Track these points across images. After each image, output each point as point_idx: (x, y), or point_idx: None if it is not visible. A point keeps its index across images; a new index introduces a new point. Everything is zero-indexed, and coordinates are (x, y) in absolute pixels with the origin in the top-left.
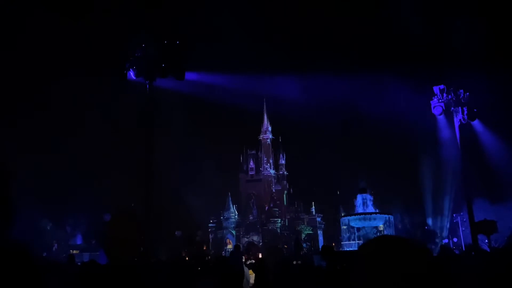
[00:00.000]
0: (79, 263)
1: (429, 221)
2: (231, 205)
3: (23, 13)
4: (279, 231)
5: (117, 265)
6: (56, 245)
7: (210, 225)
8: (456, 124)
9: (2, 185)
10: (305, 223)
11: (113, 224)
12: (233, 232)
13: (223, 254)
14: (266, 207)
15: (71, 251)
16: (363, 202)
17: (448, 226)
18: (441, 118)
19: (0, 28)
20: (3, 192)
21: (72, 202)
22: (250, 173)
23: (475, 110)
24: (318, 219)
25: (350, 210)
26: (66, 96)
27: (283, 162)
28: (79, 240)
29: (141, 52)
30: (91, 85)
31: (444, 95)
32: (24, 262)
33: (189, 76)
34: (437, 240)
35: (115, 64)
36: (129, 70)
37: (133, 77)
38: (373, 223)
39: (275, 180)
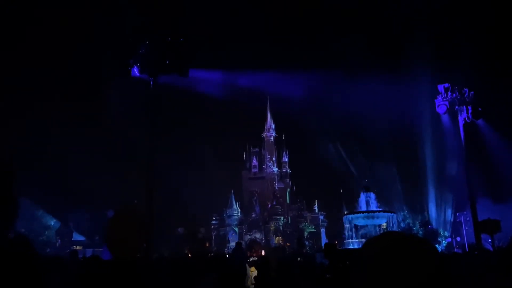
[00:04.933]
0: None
1: (432, 220)
2: (234, 203)
3: (27, 12)
4: (281, 228)
5: (120, 261)
6: (59, 241)
7: (212, 222)
8: (461, 123)
9: (5, 185)
10: (308, 221)
11: (116, 220)
12: (236, 229)
13: (225, 251)
14: (269, 205)
15: (74, 247)
16: (366, 200)
17: (451, 225)
18: (445, 117)
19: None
20: (6, 192)
21: (75, 199)
22: (253, 170)
23: (479, 109)
24: (321, 217)
25: (353, 208)
26: (69, 93)
27: (286, 160)
28: (82, 236)
29: (145, 49)
30: (95, 81)
31: (449, 93)
32: (25, 261)
33: (193, 73)
34: (439, 239)
35: (119, 60)
36: (133, 66)
37: (137, 74)
38: (376, 222)
39: (278, 178)
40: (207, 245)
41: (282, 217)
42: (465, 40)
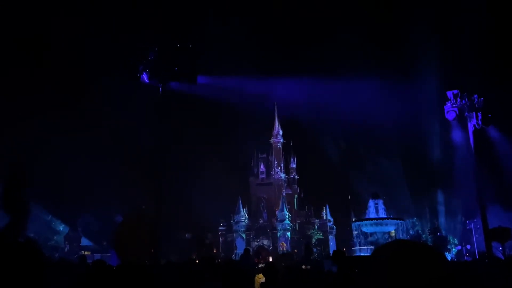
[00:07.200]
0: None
1: (442, 227)
2: (242, 209)
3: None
4: (289, 235)
5: (127, 266)
6: (68, 246)
7: (220, 228)
8: (470, 130)
9: (17, 188)
10: (316, 228)
11: (125, 225)
12: (243, 235)
13: (233, 258)
14: (277, 211)
15: (82, 252)
16: (375, 207)
17: (461, 232)
18: (455, 124)
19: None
20: (18, 195)
21: (84, 204)
22: (261, 176)
23: (489, 115)
24: (329, 224)
25: (362, 215)
26: (75, 97)
27: (294, 166)
28: (90, 242)
29: (154, 56)
30: (104, 87)
31: (458, 100)
32: (34, 265)
33: (201, 79)
34: (449, 247)
35: (128, 66)
36: (143, 73)
37: (146, 80)
38: (385, 229)
39: (286, 184)
40: (214, 251)
41: (290, 223)
42: (475, 45)
